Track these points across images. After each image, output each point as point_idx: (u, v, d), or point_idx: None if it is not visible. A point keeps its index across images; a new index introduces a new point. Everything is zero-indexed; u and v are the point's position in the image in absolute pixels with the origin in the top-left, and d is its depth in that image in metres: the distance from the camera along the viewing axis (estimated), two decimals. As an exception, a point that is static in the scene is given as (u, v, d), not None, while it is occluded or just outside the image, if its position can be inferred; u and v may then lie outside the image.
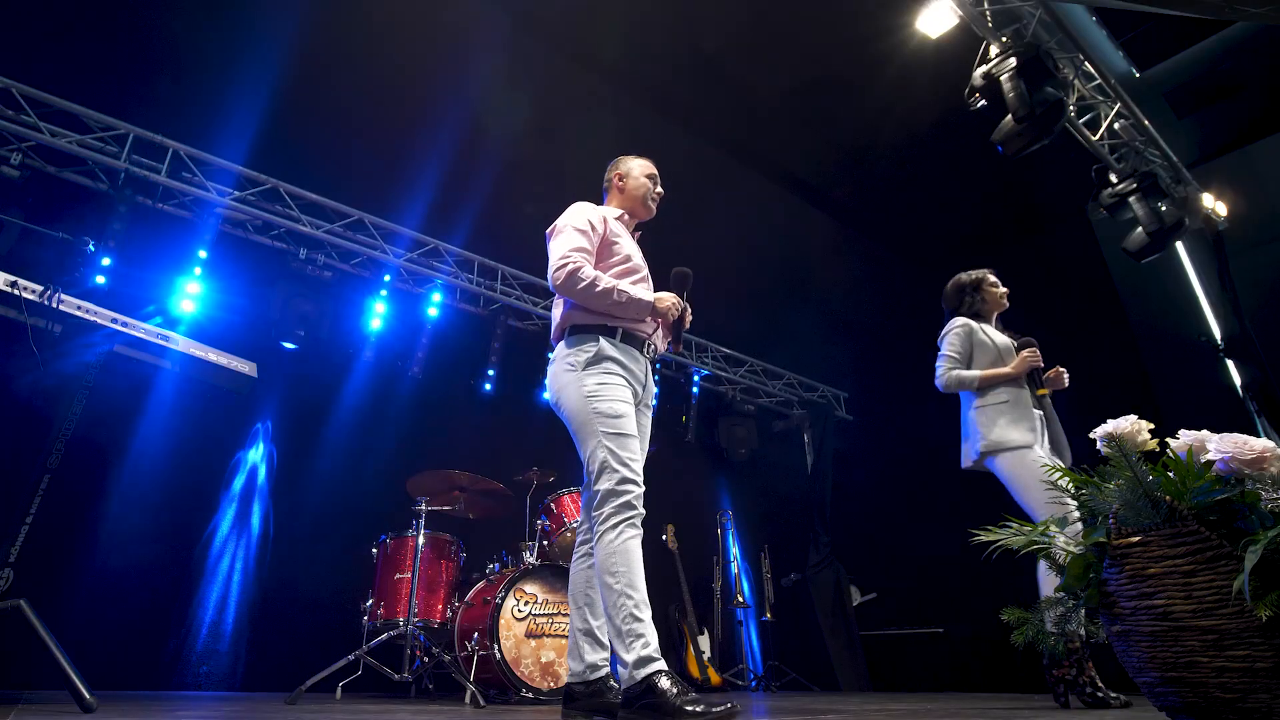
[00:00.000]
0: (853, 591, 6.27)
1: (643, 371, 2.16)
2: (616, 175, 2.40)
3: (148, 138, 4.21)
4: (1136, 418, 1.34)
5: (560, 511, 3.75)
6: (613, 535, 1.87)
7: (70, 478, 2.25)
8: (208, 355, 2.34)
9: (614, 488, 1.91)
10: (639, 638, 1.75)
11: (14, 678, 2.91)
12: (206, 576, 3.95)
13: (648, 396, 2.21)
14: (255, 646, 3.91)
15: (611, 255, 2.19)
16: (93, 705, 1.78)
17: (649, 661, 1.73)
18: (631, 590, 1.81)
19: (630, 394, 2.07)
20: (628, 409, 2.01)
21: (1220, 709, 1.15)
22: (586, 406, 1.99)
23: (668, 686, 1.67)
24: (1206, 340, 5.58)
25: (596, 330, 2.10)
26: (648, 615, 1.81)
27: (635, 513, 1.91)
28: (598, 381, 2.02)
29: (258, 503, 4.28)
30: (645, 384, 2.18)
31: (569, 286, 2.06)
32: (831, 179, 6.05)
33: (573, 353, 2.08)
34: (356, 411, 4.77)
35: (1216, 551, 1.15)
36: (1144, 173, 4.91)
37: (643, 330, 2.16)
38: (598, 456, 1.95)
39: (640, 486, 1.95)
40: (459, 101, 4.79)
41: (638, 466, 1.97)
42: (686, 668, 5.04)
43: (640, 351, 2.16)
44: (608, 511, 1.90)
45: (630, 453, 1.96)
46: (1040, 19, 4.11)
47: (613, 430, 1.96)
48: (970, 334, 3.02)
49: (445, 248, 5.33)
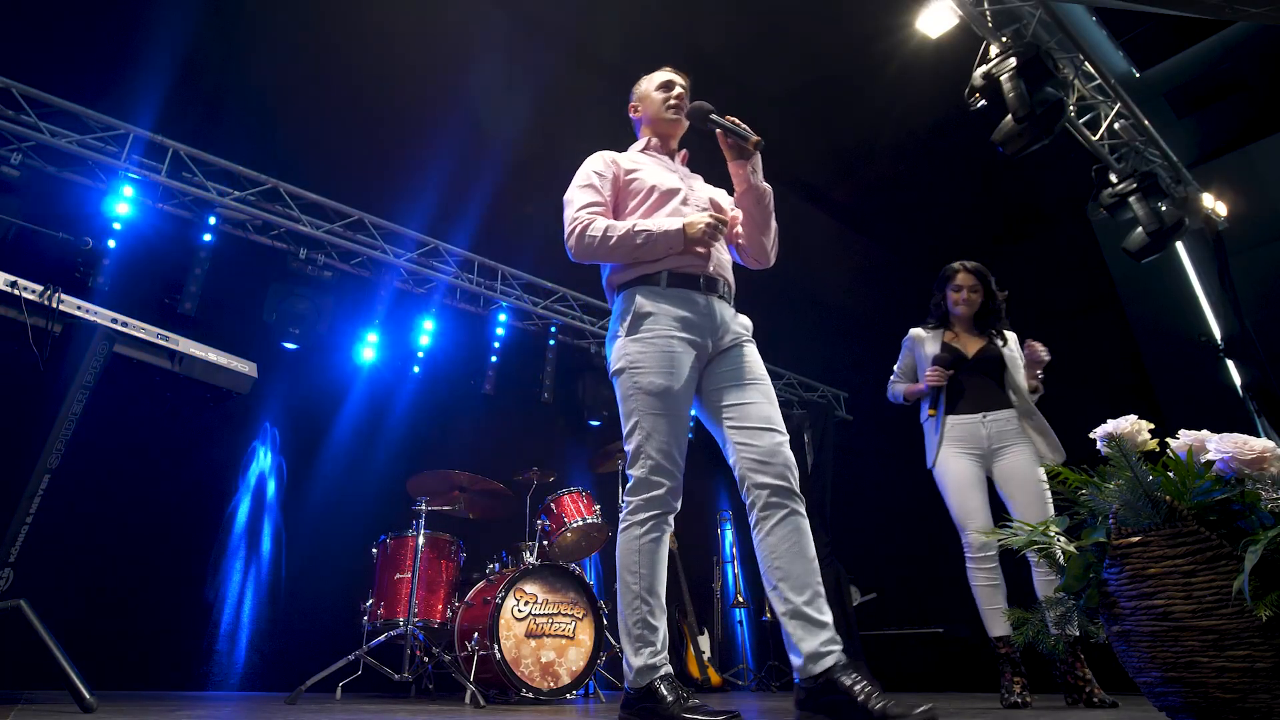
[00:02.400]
0: (853, 591, 6.27)
1: (706, 314, 1.83)
2: (631, 106, 2.17)
3: (148, 138, 4.21)
4: (1136, 418, 1.34)
5: (560, 511, 3.75)
6: (639, 532, 1.73)
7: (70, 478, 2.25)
8: (208, 355, 2.34)
9: (646, 477, 1.74)
10: (649, 645, 1.69)
11: (14, 678, 2.91)
12: (207, 576, 3.94)
13: (728, 336, 1.86)
14: (255, 646, 3.91)
15: (632, 195, 1.94)
16: (93, 705, 1.78)
17: (653, 670, 1.68)
18: (650, 595, 1.71)
19: (686, 354, 1.78)
20: (676, 381, 1.75)
21: (1220, 709, 1.15)
22: (628, 380, 1.78)
23: (666, 693, 1.64)
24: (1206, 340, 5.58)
25: (634, 283, 1.85)
26: (662, 621, 1.72)
27: (666, 510, 1.75)
28: (640, 349, 1.78)
29: (257, 503, 4.27)
30: (718, 325, 1.85)
31: (583, 249, 1.84)
32: (831, 179, 6.05)
33: (616, 317, 1.86)
34: (356, 412, 4.77)
35: (1216, 551, 1.15)
36: (1144, 173, 4.91)
37: (694, 264, 1.84)
38: (635, 438, 1.76)
39: (674, 480, 1.75)
40: (459, 101, 4.79)
41: (678, 455, 1.75)
42: (687, 668, 5.04)
43: (696, 290, 1.83)
44: (636, 503, 1.75)
45: (670, 439, 1.74)
46: (1040, 19, 4.11)
47: (652, 410, 1.74)
48: (913, 347, 3.07)
49: (445, 248, 5.33)
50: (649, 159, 2.05)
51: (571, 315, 5.95)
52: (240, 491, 4.25)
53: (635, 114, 2.16)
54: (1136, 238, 4.99)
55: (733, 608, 5.89)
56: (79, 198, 4.06)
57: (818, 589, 1.67)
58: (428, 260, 5.29)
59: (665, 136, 2.11)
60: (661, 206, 1.90)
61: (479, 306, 5.58)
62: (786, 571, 1.67)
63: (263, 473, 4.34)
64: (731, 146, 1.89)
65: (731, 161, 1.92)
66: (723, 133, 1.89)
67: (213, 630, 3.86)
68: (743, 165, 1.90)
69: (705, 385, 1.87)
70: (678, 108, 2.06)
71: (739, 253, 2.06)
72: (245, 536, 4.15)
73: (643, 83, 2.14)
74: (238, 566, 4.06)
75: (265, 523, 4.23)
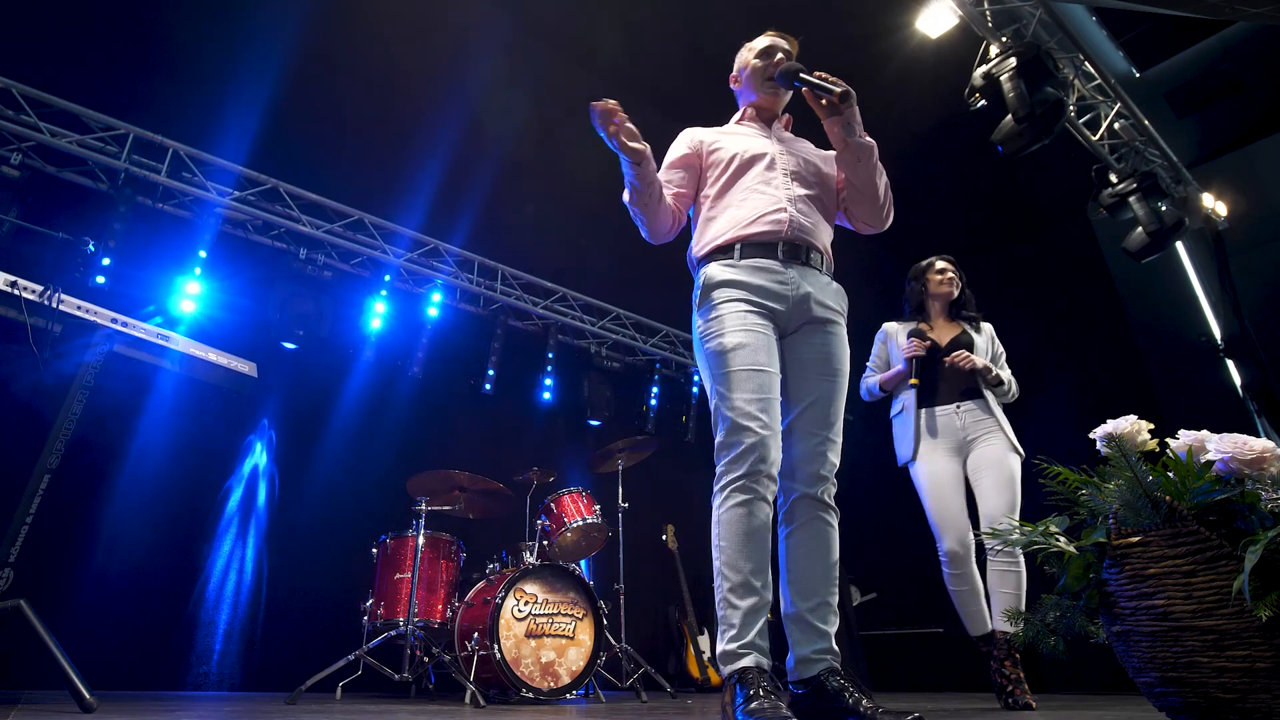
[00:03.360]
0: (853, 591, 6.27)
1: (784, 282, 1.71)
2: (733, 78, 2.04)
3: (148, 138, 4.21)
4: (1136, 418, 1.34)
5: (560, 511, 3.75)
6: (720, 500, 1.60)
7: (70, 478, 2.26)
8: (208, 355, 2.34)
9: (724, 439, 1.62)
10: (731, 628, 1.54)
11: (14, 678, 2.91)
12: (207, 576, 3.95)
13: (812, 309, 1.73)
14: (255, 646, 3.91)
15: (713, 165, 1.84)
16: (93, 705, 1.78)
17: (734, 657, 1.52)
18: (731, 570, 1.55)
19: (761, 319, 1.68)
20: (749, 337, 1.64)
21: (1220, 709, 1.15)
22: (702, 349, 1.72)
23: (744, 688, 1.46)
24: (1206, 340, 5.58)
25: (706, 258, 1.79)
26: (748, 601, 1.53)
27: (750, 469, 1.56)
28: (711, 318, 1.70)
29: (258, 503, 4.27)
30: (799, 295, 1.72)
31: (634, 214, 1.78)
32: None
33: (695, 295, 1.79)
34: (356, 411, 4.77)
35: (1216, 551, 1.15)
36: (1144, 173, 4.91)
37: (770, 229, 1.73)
38: (713, 401, 1.67)
39: (757, 434, 1.56)
40: (459, 101, 4.79)
41: (759, 408, 1.59)
42: (687, 668, 5.04)
43: (773, 258, 1.71)
44: (720, 471, 1.63)
45: (745, 392, 1.59)
46: (1040, 19, 4.11)
47: (724, 368, 1.63)
48: (886, 339, 3.06)
49: (445, 248, 5.33)
50: (740, 128, 1.96)
51: (571, 315, 5.95)
52: (241, 492, 4.25)
53: (735, 85, 2.04)
54: (1136, 238, 4.99)
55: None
56: (79, 198, 4.06)
57: (826, 598, 1.66)
58: (427, 260, 5.29)
59: (763, 107, 1.96)
60: (743, 175, 1.81)
61: (479, 306, 5.58)
62: (797, 575, 1.68)
63: (263, 473, 4.34)
64: (820, 104, 1.76)
65: (826, 120, 1.78)
66: (809, 90, 1.77)
67: (213, 630, 3.86)
68: (837, 122, 1.76)
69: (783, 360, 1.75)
70: (781, 69, 1.87)
71: (848, 219, 1.96)
72: (245, 536, 4.15)
73: (743, 51, 2.01)
74: (238, 566, 4.06)
75: (266, 523, 4.23)
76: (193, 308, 4.18)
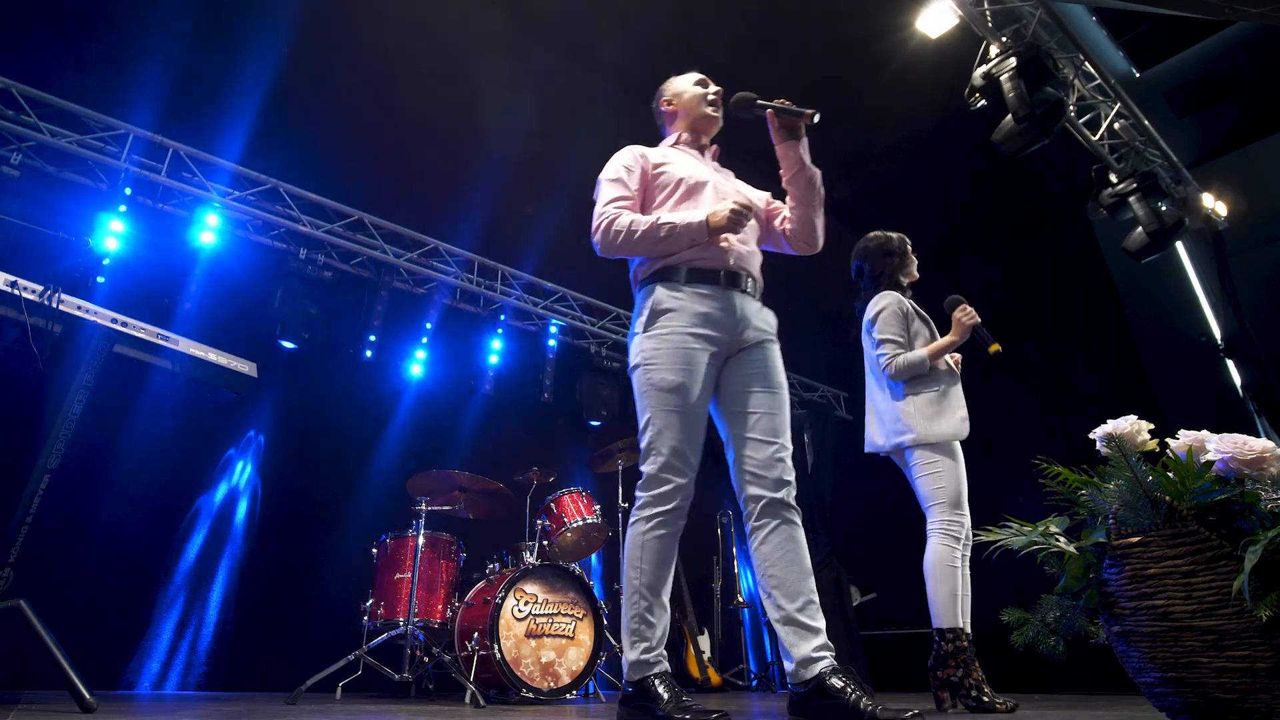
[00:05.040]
0: (853, 591, 6.27)
1: (726, 309, 1.81)
2: (664, 101, 2.15)
3: (148, 138, 4.21)
4: (1136, 418, 1.34)
5: (560, 511, 3.75)
6: (644, 528, 1.74)
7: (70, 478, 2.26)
8: (208, 355, 2.34)
9: (656, 474, 1.74)
10: (644, 640, 1.71)
11: (14, 678, 2.91)
12: (207, 576, 3.95)
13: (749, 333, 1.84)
14: (255, 646, 3.91)
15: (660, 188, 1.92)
16: (93, 705, 1.78)
17: (647, 665, 1.69)
18: (649, 592, 1.72)
19: (702, 351, 1.77)
20: (690, 378, 1.74)
21: (1220, 709, 1.15)
22: (643, 375, 1.78)
23: (660, 691, 1.64)
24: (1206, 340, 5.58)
25: (654, 278, 1.84)
26: (661, 619, 1.73)
27: (674, 507, 1.73)
28: (654, 345, 1.77)
29: (258, 503, 4.27)
30: (739, 322, 1.83)
31: (609, 243, 1.82)
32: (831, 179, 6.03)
33: (636, 313, 1.86)
34: (356, 411, 4.77)
35: (1216, 552, 1.15)
36: (1144, 173, 4.91)
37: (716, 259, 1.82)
38: (647, 434, 1.77)
39: (685, 478, 1.74)
40: (459, 101, 4.79)
41: (690, 453, 1.74)
42: (687, 668, 5.04)
43: (716, 285, 1.82)
44: (645, 499, 1.75)
45: (682, 436, 1.73)
46: (1040, 19, 4.11)
47: (665, 406, 1.74)
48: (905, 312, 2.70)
49: (445, 248, 5.33)
50: (678, 153, 2.04)
51: (571, 315, 5.95)
52: (241, 491, 4.25)
53: (668, 108, 2.14)
54: (1136, 238, 4.99)
55: (733, 608, 5.89)
56: (79, 198, 4.06)
57: (810, 596, 1.69)
58: (428, 260, 5.29)
59: (698, 132, 2.10)
60: (689, 199, 1.89)
61: (479, 306, 5.58)
62: (780, 579, 1.70)
63: (263, 473, 4.34)
64: (784, 127, 1.88)
65: (781, 144, 1.90)
66: (774, 114, 1.87)
67: (213, 630, 3.86)
68: (796, 146, 1.89)
69: (723, 384, 1.87)
70: (716, 104, 2.07)
71: (787, 241, 2.05)
72: (246, 536, 4.15)
73: (675, 81, 2.15)
74: (238, 566, 4.06)
75: (266, 522, 4.23)
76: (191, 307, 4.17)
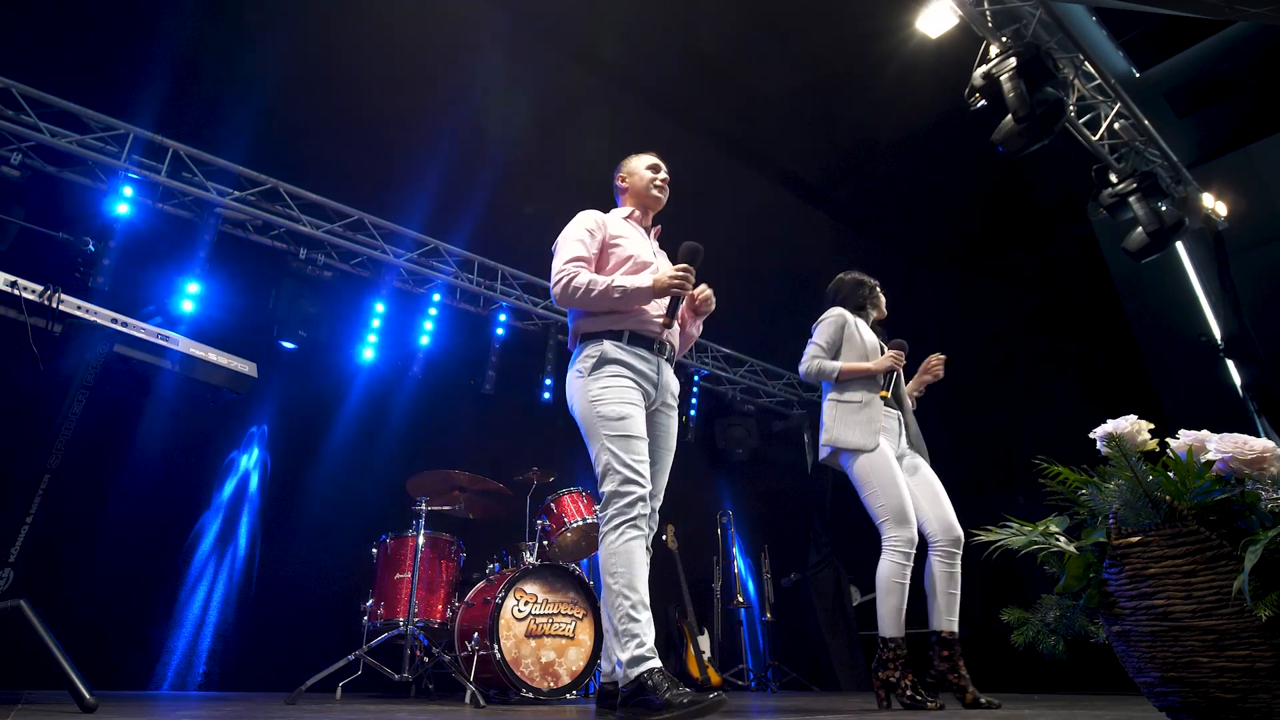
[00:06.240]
0: (853, 591, 6.27)
1: (654, 370, 2.17)
2: (620, 177, 2.46)
3: (148, 138, 4.21)
4: (1136, 418, 1.34)
5: (560, 511, 3.75)
6: (614, 537, 1.92)
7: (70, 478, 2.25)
8: (208, 355, 2.34)
9: (617, 489, 1.96)
10: (634, 637, 1.81)
11: (14, 678, 2.91)
12: (207, 576, 3.95)
13: (665, 396, 2.21)
14: (255, 646, 3.91)
15: (612, 258, 2.22)
16: (93, 705, 1.78)
17: (642, 660, 1.78)
18: (629, 590, 1.86)
19: (639, 395, 2.10)
20: (633, 410, 2.05)
21: (1220, 709, 1.15)
22: (592, 411, 2.04)
23: (658, 682, 1.73)
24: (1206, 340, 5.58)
25: (601, 335, 2.14)
26: (645, 615, 1.85)
27: (637, 514, 1.94)
28: (602, 386, 2.06)
29: (258, 503, 4.28)
30: (660, 384, 2.19)
31: (568, 297, 2.12)
32: (831, 179, 6.05)
33: (581, 359, 2.14)
34: (356, 411, 4.77)
35: (1216, 551, 1.15)
36: (1144, 173, 4.91)
37: (651, 329, 2.17)
38: (602, 459, 2.01)
39: (643, 488, 1.98)
40: (459, 101, 4.79)
41: (642, 468, 2.00)
42: (687, 668, 5.04)
43: (649, 351, 2.17)
44: (610, 513, 1.95)
45: (634, 455, 1.99)
46: (1040, 19, 4.11)
47: (616, 433, 2.00)
48: (843, 326, 2.96)
49: (445, 248, 5.33)
50: (633, 229, 2.33)
51: (571, 315, 5.94)
52: (241, 491, 4.25)
53: (622, 184, 2.44)
54: (1136, 238, 4.99)
55: (733, 608, 5.89)
56: (79, 198, 4.06)
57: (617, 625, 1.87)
58: (427, 260, 5.29)
59: (646, 210, 2.42)
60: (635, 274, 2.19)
61: (479, 306, 5.58)
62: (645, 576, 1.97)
63: (263, 473, 4.35)
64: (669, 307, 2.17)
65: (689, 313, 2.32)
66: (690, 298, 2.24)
67: (213, 630, 3.86)
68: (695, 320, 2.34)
69: None
70: (663, 188, 2.40)
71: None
72: (246, 536, 4.15)
73: (631, 160, 2.45)
74: (238, 566, 4.06)
75: (266, 522, 4.23)
76: (192, 307, 4.18)
